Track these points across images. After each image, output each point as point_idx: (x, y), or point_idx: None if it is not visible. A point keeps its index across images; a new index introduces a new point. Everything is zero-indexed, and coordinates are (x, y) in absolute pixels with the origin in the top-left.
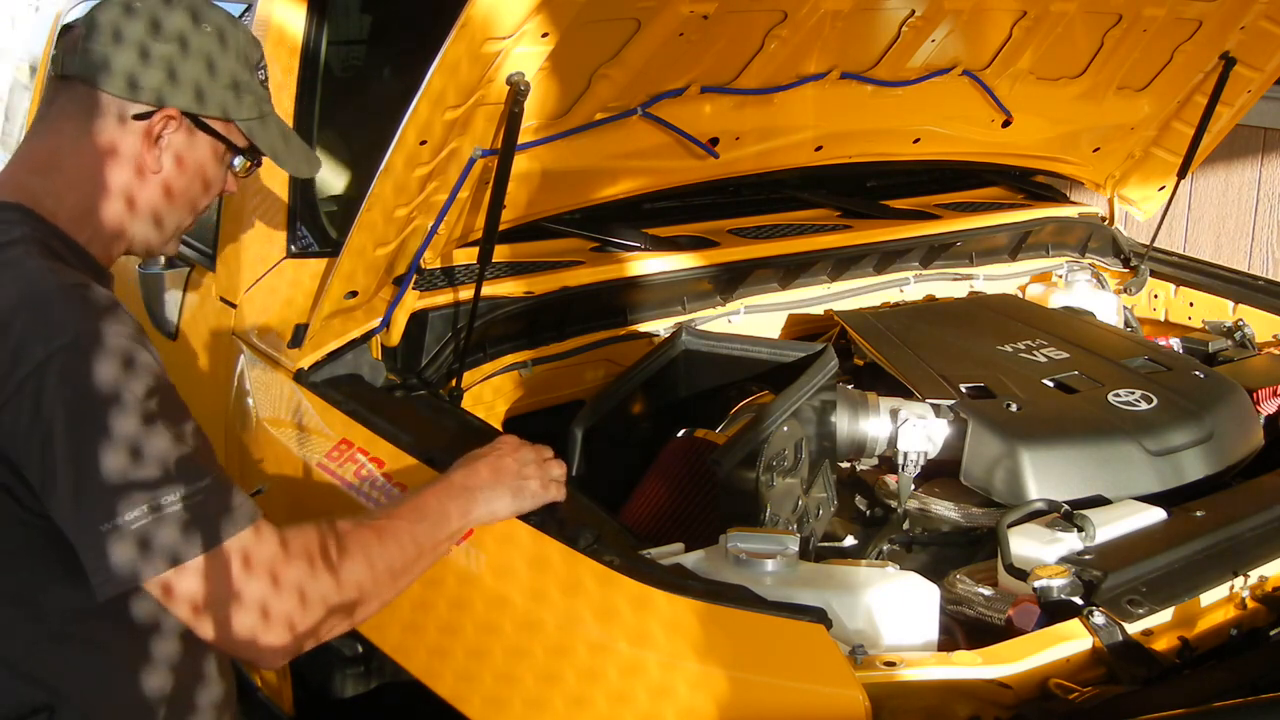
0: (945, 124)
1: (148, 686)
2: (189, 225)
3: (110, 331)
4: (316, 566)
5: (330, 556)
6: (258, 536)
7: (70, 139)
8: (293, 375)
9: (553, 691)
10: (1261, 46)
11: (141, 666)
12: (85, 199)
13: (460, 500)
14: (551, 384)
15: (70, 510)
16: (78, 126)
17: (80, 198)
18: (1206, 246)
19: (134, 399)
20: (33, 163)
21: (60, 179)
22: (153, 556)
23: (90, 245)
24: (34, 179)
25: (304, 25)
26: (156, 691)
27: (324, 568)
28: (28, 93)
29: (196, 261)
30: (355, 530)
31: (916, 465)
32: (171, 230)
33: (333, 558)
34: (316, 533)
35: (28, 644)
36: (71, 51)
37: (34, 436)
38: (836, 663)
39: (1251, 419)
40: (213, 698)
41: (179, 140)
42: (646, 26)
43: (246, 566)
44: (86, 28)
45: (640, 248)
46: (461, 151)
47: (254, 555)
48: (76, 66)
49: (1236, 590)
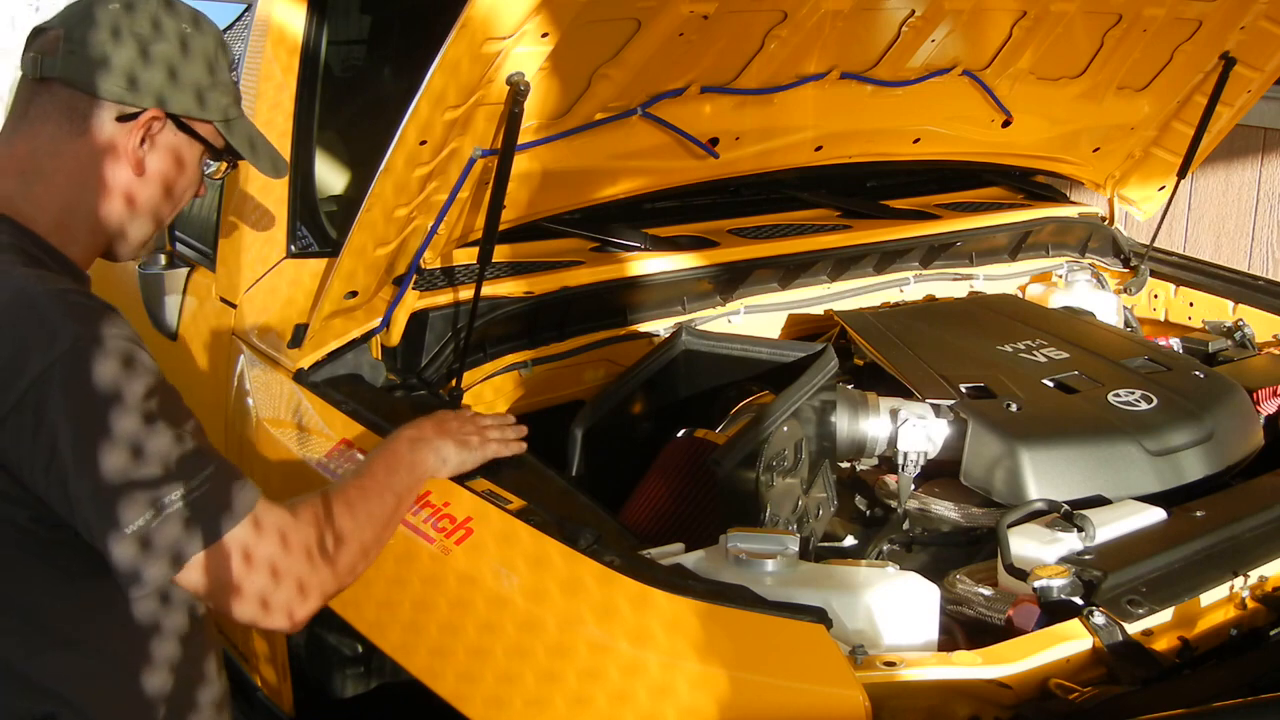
0: (945, 124)
1: (149, 688)
2: (167, 223)
3: (106, 335)
4: (319, 528)
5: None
6: (267, 509)
7: (49, 141)
8: (293, 375)
9: (553, 691)
10: (1261, 46)
11: (142, 668)
12: (65, 203)
13: (414, 451)
14: (551, 384)
15: (93, 520)
16: (58, 129)
17: (60, 202)
18: (1206, 246)
19: (136, 401)
20: (9, 167)
21: (40, 183)
22: (180, 548)
23: (67, 248)
24: (11, 184)
25: (304, 25)
26: (157, 692)
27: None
28: None
29: (196, 262)
30: (343, 492)
31: (916, 465)
32: (150, 230)
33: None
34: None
35: (29, 651)
36: (51, 54)
37: (40, 449)
38: (836, 663)
39: (1251, 419)
40: (212, 696)
41: (161, 141)
42: (646, 26)
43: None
44: (66, 30)
45: (640, 248)
46: (462, 151)
47: (266, 524)
48: (58, 69)
49: (1236, 590)
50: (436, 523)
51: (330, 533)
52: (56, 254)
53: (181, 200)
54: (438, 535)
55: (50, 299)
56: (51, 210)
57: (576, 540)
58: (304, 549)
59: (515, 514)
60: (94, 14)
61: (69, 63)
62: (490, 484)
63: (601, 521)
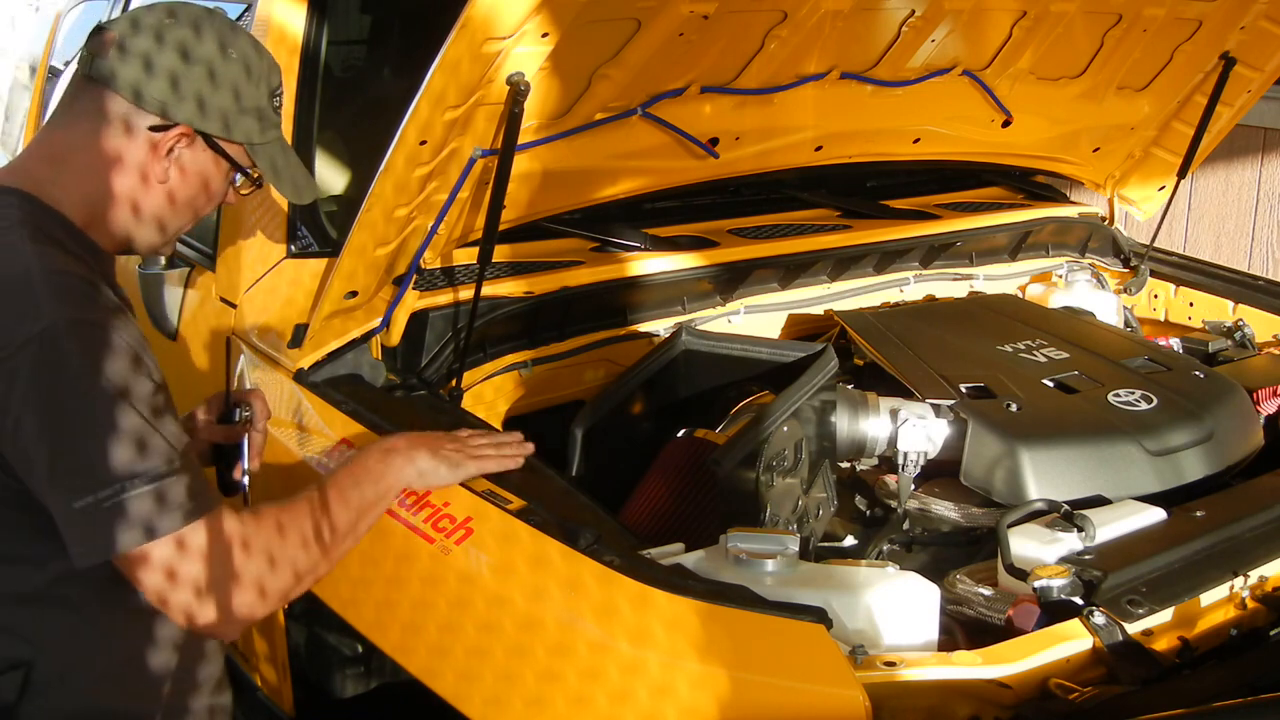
0: (945, 124)
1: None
2: (187, 229)
3: (86, 318)
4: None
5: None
6: (222, 519)
7: (84, 137)
8: (293, 375)
9: (553, 690)
10: (1261, 46)
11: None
12: (89, 195)
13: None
14: (551, 384)
15: (46, 487)
16: (94, 127)
17: (85, 193)
18: (1206, 246)
19: (107, 382)
20: (44, 153)
21: (69, 173)
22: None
23: (91, 230)
24: (42, 168)
25: (304, 25)
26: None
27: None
28: (28, 92)
29: (196, 261)
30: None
31: (916, 465)
32: (171, 234)
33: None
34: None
35: (6, 601)
36: (103, 56)
37: (8, 415)
38: (836, 663)
39: (1251, 419)
40: (210, 673)
41: (188, 155)
42: (646, 26)
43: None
44: (122, 37)
45: (640, 248)
46: (462, 151)
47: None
48: (106, 73)
49: (1236, 590)
50: (436, 523)
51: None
52: (80, 235)
53: (201, 211)
54: (438, 535)
55: (45, 277)
56: (76, 199)
57: (576, 540)
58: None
59: (515, 514)
60: (151, 26)
61: (117, 68)
62: (490, 484)
63: (601, 521)
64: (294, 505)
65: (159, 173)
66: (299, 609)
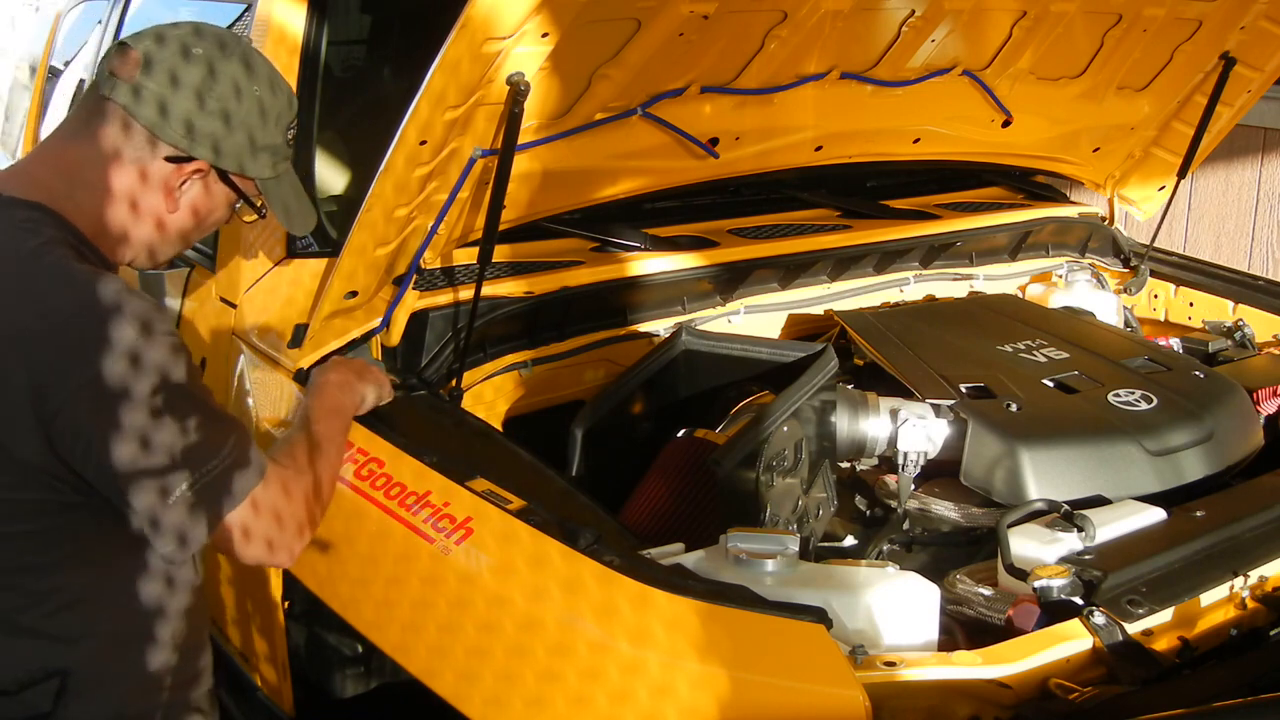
0: (945, 124)
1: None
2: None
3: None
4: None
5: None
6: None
7: (100, 156)
8: (293, 375)
9: (553, 690)
10: (1261, 46)
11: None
12: (101, 213)
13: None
14: (551, 384)
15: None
16: (112, 149)
17: (98, 212)
18: (1206, 246)
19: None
20: (58, 166)
21: (83, 191)
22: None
23: (99, 243)
24: (60, 184)
25: (304, 25)
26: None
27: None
28: (28, 93)
29: (196, 262)
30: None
31: (916, 465)
32: (172, 253)
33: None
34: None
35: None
36: (126, 79)
37: (86, 435)
38: (836, 663)
39: (1251, 419)
40: (208, 662)
41: (199, 186)
42: (646, 26)
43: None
44: (145, 59)
45: (640, 248)
46: (462, 151)
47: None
48: (125, 97)
49: (1236, 590)
50: (436, 523)
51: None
52: (96, 251)
53: (195, 239)
54: (438, 535)
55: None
56: (89, 216)
57: (576, 540)
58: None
59: (515, 514)
60: (173, 53)
61: (138, 95)
62: (490, 484)
63: (601, 521)
64: (296, 445)
65: (169, 204)
66: (299, 609)
